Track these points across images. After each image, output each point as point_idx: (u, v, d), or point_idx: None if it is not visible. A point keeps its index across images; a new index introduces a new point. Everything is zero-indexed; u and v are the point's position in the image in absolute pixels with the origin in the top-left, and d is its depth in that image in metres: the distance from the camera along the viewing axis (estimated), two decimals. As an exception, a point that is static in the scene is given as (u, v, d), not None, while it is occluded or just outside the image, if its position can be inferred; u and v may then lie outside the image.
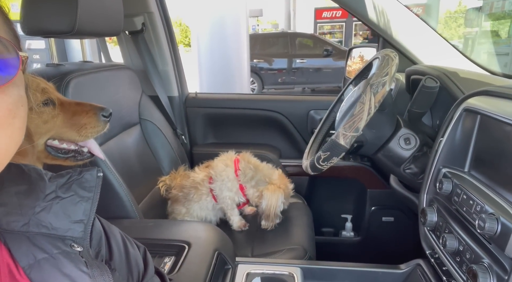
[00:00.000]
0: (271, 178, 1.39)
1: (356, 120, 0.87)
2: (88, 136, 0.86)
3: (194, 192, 1.42)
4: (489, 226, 0.61)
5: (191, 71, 3.10)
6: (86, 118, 0.85)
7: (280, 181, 1.39)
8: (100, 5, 1.16)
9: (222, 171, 1.40)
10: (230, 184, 1.39)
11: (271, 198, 1.33)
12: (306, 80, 8.77)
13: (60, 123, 0.83)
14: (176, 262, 0.87)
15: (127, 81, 1.47)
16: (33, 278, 0.39)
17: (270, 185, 1.36)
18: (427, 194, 0.89)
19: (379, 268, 0.97)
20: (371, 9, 1.41)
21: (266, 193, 1.34)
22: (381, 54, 0.96)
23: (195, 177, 1.44)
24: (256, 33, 10.94)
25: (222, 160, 1.44)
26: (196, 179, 1.43)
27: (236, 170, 1.40)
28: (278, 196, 1.33)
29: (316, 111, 1.74)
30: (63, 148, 0.85)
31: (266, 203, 1.33)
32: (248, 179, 1.39)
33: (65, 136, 0.84)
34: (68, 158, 0.86)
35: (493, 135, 0.73)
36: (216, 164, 1.43)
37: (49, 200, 0.43)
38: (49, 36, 1.16)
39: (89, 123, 0.85)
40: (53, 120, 0.82)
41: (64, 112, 0.84)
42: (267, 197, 1.33)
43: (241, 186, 1.40)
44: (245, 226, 1.42)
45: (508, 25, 6.72)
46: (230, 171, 1.40)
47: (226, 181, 1.39)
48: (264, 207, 1.33)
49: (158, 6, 1.66)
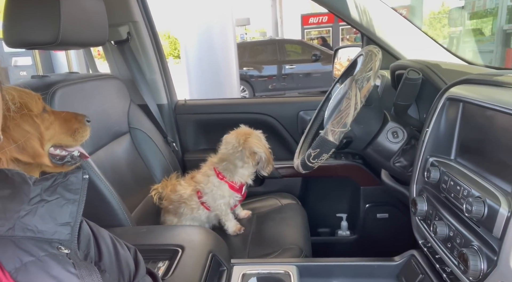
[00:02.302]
0: (234, 142, 1.37)
1: (344, 116, 0.88)
2: (81, 140, 0.90)
3: (184, 206, 1.41)
4: (476, 209, 0.61)
5: (182, 82, 3.11)
6: (77, 123, 0.89)
7: (241, 132, 1.39)
8: (84, 15, 1.16)
9: (208, 183, 1.39)
10: (220, 191, 1.38)
11: (259, 144, 1.35)
12: (297, 86, 8.83)
13: (58, 129, 0.87)
14: (170, 266, 0.86)
15: (114, 90, 1.47)
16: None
17: (245, 143, 1.35)
18: (416, 184, 0.90)
19: (374, 261, 0.97)
20: (353, 8, 1.44)
21: (255, 146, 1.34)
22: (365, 50, 0.97)
23: (183, 192, 1.42)
24: (245, 42, 11.02)
25: (202, 173, 1.44)
26: (183, 195, 1.41)
27: (217, 175, 1.39)
28: (260, 139, 1.38)
29: (306, 112, 1.75)
30: (57, 154, 0.88)
31: (262, 151, 1.34)
32: (232, 171, 1.38)
33: (63, 142, 0.88)
34: (64, 163, 0.89)
35: (476, 122, 0.74)
36: (199, 179, 1.42)
37: (34, 204, 0.43)
38: (33, 47, 1.15)
39: (80, 128, 0.89)
40: (52, 127, 0.85)
41: (58, 119, 0.88)
42: (257, 146, 1.34)
43: (230, 185, 1.39)
44: (241, 230, 1.41)
45: (490, 23, 6.86)
46: (214, 179, 1.39)
47: (215, 190, 1.38)
48: (264, 156, 1.35)
49: (143, 15, 1.67)
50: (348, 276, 0.96)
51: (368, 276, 0.96)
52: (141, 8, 1.68)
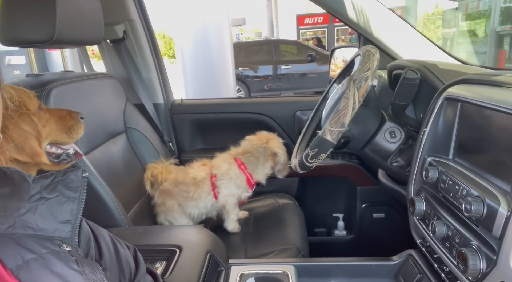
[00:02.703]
0: (260, 144, 1.43)
1: (342, 116, 0.88)
2: (76, 137, 0.90)
3: (194, 189, 1.40)
4: (476, 209, 0.62)
5: (177, 83, 3.09)
6: (72, 121, 0.89)
7: (267, 136, 1.46)
8: (80, 13, 1.15)
9: (229, 170, 1.41)
10: (239, 181, 1.41)
11: (280, 147, 1.42)
12: (292, 86, 8.83)
13: (54, 127, 0.86)
14: (167, 267, 0.85)
15: (110, 89, 1.45)
16: (22, 279, 0.38)
17: (270, 142, 1.42)
18: (414, 184, 0.90)
19: (372, 261, 0.97)
20: (350, 8, 1.44)
21: (275, 150, 1.41)
22: (362, 50, 0.98)
23: (196, 174, 1.42)
24: (240, 42, 11.02)
25: (223, 160, 1.45)
26: (197, 176, 1.41)
27: (239, 165, 1.42)
28: (280, 143, 1.45)
29: (303, 112, 1.75)
30: (53, 152, 0.87)
31: (282, 154, 1.41)
32: (253, 164, 1.43)
33: (59, 140, 0.87)
34: (60, 161, 0.88)
35: (474, 121, 0.75)
36: (217, 163, 1.44)
37: (34, 201, 0.43)
38: (28, 46, 1.14)
39: (75, 125, 0.89)
40: (49, 124, 0.85)
41: (53, 117, 0.87)
42: (278, 148, 1.41)
43: (248, 178, 1.42)
44: (238, 229, 1.41)
45: (483, 25, 6.93)
46: (235, 167, 1.42)
47: (235, 178, 1.41)
48: (282, 159, 1.42)
49: (139, 13, 1.66)
50: (346, 276, 0.95)
51: (366, 275, 0.96)
52: (137, 7, 1.66)
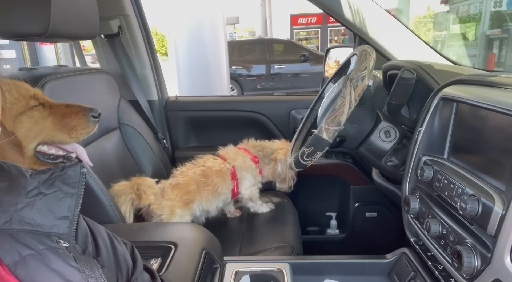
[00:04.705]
0: (272, 148, 1.46)
1: (338, 115, 0.89)
2: (79, 137, 0.85)
3: (221, 184, 1.34)
4: (471, 207, 0.63)
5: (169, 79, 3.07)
6: (76, 120, 0.84)
7: (282, 145, 1.47)
8: (74, 7, 1.13)
9: (244, 162, 1.41)
10: (255, 173, 1.43)
11: (284, 160, 1.40)
12: (285, 86, 8.85)
13: (50, 125, 0.82)
14: (163, 263, 0.84)
15: (104, 85, 1.44)
16: (19, 275, 0.37)
17: (278, 151, 1.42)
18: (409, 183, 0.91)
19: (366, 259, 0.98)
20: (346, 8, 1.44)
21: (280, 157, 1.41)
22: (359, 50, 0.98)
23: (220, 166, 1.35)
24: (234, 40, 10.98)
25: (235, 152, 1.44)
26: (223, 168, 1.36)
27: (253, 158, 1.43)
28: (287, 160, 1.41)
29: (298, 111, 1.76)
30: (52, 153, 0.84)
31: (281, 167, 1.40)
32: (262, 160, 1.45)
33: (56, 139, 0.83)
34: (56, 163, 0.84)
35: (469, 121, 0.76)
36: (230, 155, 1.42)
37: (31, 196, 0.42)
38: (21, 39, 1.12)
39: (79, 125, 0.84)
40: (42, 122, 0.81)
41: (54, 114, 0.83)
42: (282, 161, 1.40)
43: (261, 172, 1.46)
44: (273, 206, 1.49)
45: (474, 28, 7.04)
46: (249, 160, 1.43)
47: (251, 170, 1.42)
48: (280, 171, 1.41)
49: (134, 9, 1.64)
50: (340, 274, 0.96)
51: (360, 273, 0.97)
52: (133, 2, 1.65)
